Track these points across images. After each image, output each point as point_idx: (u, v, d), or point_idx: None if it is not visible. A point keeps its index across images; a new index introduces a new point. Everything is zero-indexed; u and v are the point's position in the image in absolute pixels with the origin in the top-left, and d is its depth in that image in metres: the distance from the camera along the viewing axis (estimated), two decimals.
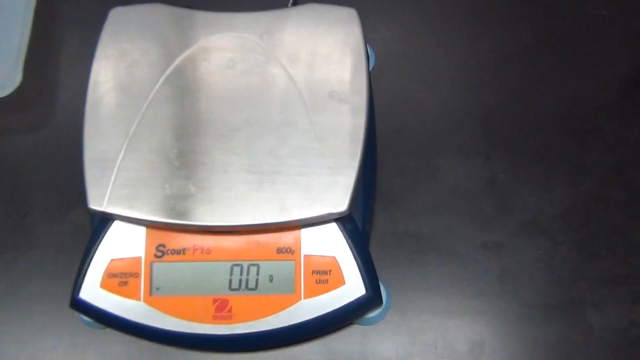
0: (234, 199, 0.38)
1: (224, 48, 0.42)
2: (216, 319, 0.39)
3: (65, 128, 0.49)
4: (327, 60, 0.41)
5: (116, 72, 0.42)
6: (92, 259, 0.40)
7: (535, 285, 0.43)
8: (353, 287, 0.39)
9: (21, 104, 0.50)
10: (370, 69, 0.44)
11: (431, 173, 0.46)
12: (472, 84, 0.48)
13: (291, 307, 0.39)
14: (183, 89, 0.41)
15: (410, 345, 0.42)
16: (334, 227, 0.40)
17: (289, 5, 0.49)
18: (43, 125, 0.49)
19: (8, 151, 0.48)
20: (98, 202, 0.39)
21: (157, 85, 0.42)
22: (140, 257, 0.40)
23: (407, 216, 0.45)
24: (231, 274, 0.39)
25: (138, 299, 0.39)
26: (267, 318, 0.39)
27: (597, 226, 0.44)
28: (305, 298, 0.39)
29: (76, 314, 0.41)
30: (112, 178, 0.39)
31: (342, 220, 0.39)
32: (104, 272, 0.40)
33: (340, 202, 0.38)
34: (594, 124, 0.47)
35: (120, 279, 0.39)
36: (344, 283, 0.39)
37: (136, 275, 0.39)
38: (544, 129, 0.47)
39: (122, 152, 0.40)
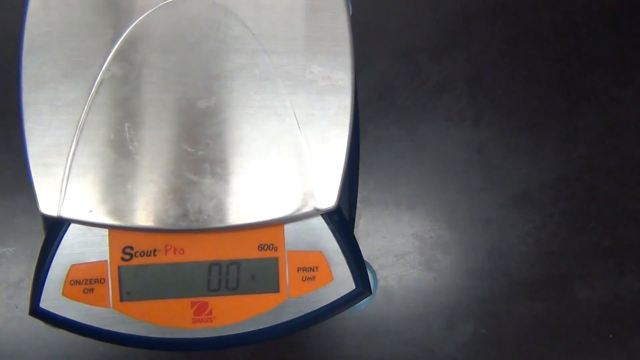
0: (208, 198, 0.34)
1: (186, 14, 0.36)
2: (196, 322, 0.36)
3: None
4: (307, 32, 0.36)
5: (54, 44, 0.35)
6: (49, 265, 0.36)
7: (524, 261, 0.42)
8: (342, 283, 0.37)
9: None
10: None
11: (416, 142, 0.43)
12: (458, 41, 0.44)
13: (276, 307, 0.36)
14: (139, 66, 0.35)
15: (397, 329, 0.40)
16: (319, 220, 0.36)
17: None
18: None
19: None
20: (50, 206, 0.34)
21: (107, 61, 0.35)
22: (105, 261, 0.36)
23: (391, 188, 0.42)
24: (209, 274, 0.36)
25: (107, 305, 0.36)
26: (251, 319, 0.36)
27: (587, 196, 0.42)
28: (291, 297, 0.36)
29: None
30: (64, 178, 0.34)
31: (328, 213, 0.36)
32: (66, 280, 0.36)
33: (328, 198, 0.35)
34: (587, 84, 0.44)
35: (84, 285, 0.36)
36: (332, 279, 0.37)
37: (102, 281, 0.36)
38: (535, 90, 0.44)
39: (73, 145, 0.34)
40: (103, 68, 0.35)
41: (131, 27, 0.36)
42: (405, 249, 0.41)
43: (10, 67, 0.35)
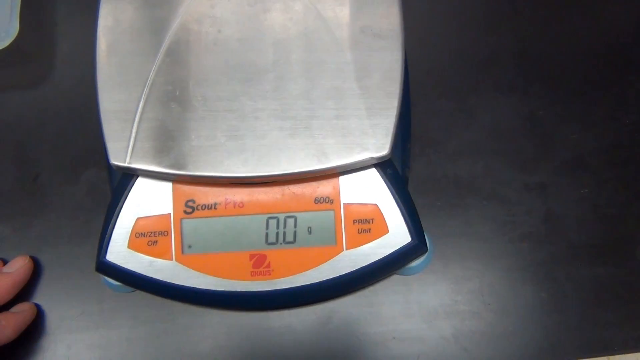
0: (267, 148, 0.36)
1: None
2: (254, 275, 0.37)
3: (69, 80, 0.45)
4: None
5: (126, 15, 0.39)
6: (117, 218, 0.37)
7: (582, 225, 0.41)
8: (397, 235, 0.37)
9: (20, 57, 0.46)
10: None
11: (467, 113, 0.43)
12: (505, 15, 0.45)
13: (333, 259, 0.37)
14: (202, 31, 0.38)
15: (456, 294, 0.40)
16: (373, 172, 0.37)
17: None
18: (45, 78, 0.46)
19: (10, 108, 0.45)
20: (120, 157, 0.36)
21: (174, 27, 0.38)
22: (169, 214, 0.37)
23: (444, 160, 0.43)
24: (267, 228, 0.37)
25: (169, 258, 0.37)
26: (308, 272, 0.37)
27: None
28: (347, 249, 0.37)
29: (101, 278, 0.39)
30: (133, 130, 0.36)
31: (382, 165, 0.37)
32: (131, 232, 0.37)
33: (381, 146, 0.36)
34: (636, 54, 0.44)
35: (149, 238, 0.37)
36: (387, 231, 0.37)
37: (166, 233, 0.37)
38: (582, 60, 0.44)
39: (142, 101, 0.36)
40: (170, 33, 0.38)
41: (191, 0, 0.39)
42: (460, 216, 0.41)
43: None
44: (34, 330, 0.40)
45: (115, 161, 0.36)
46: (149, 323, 0.40)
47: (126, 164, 0.36)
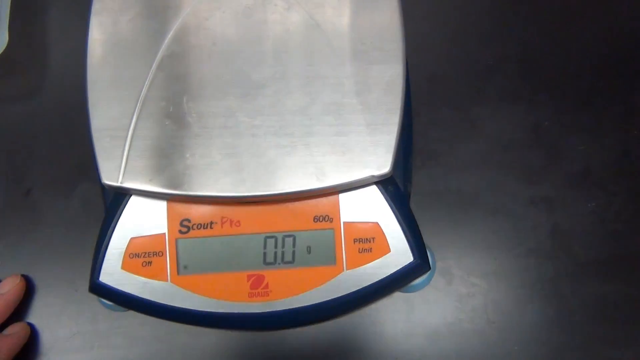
0: (264, 166, 0.34)
1: None
2: (252, 296, 0.36)
3: (61, 92, 0.44)
4: (356, 3, 0.37)
5: (117, 28, 0.37)
6: (110, 238, 0.36)
7: (589, 241, 0.40)
8: (399, 255, 0.36)
9: (10, 69, 0.45)
10: None
11: (470, 123, 0.42)
12: (509, 21, 0.44)
13: (333, 280, 0.36)
14: (196, 44, 0.37)
15: (459, 312, 0.39)
16: (374, 190, 0.36)
17: None
18: (37, 90, 0.44)
19: (1, 121, 0.43)
20: (112, 176, 0.35)
21: (166, 40, 0.37)
22: (163, 234, 0.36)
23: (447, 173, 0.42)
24: (265, 247, 0.36)
25: (165, 279, 0.36)
26: (307, 293, 0.36)
27: None
28: (348, 269, 0.36)
29: (95, 297, 0.37)
30: (126, 148, 0.35)
31: (383, 182, 0.36)
32: (125, 253, 0.36)
33: (383, 164, 0.35)
34: None
35: (143, 258, 0.36)
36: (389, 251, 0.36)
37: (161, 254, 0.36)
38: (590, 68, 0.43)
39: (134, 118, 0.35)
40: (163, 46, 0.37)
41: (189, 9, 0.38)
42: (464, 231, 0.40)
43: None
44: (26, 351, 0.39)
45: (107, 181, 0.35)
46: (146, 343, 0.39)
47: (119, 184, 0.35)
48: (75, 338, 0.39)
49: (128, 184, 0.35)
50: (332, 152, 0.34)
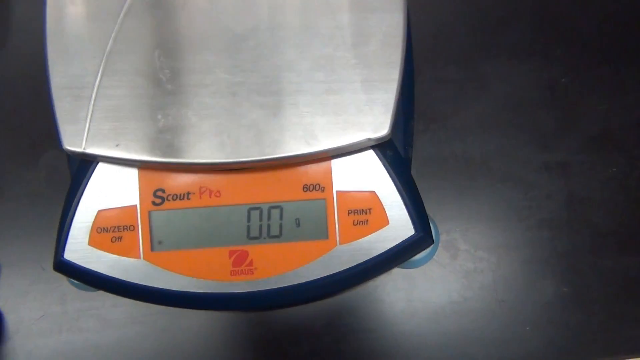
0: (247, 128, 0.31)
1: None
2: (235, 274, 0.33)
3: (24, 50, 0.41)
4: None
5: None
6: (75, 211, 0.33)
7: (609, 210, 0.37)
8: (399, 227, 0.33)
9: None
10: None
11: (478, 82, 0.39)
12: None
13: (325, 256, 0.33)
14: None
15: (465, 290, 0.37)
16: (371, 155, 0.33)
17: None
18: None
19: None
20: (75, 141, 0.31)
21: None
22: (135, 206, 0.33)
23: (452, 136, 0.39)
24: (249, 220, 0.33)
25: (137, 256, 0.33)
26: (296, 270, 0.33)
27: None
28: (341, 244, 0.33)
29: (64, 276, 0.34)
30: (90, 109, 0.31)
31: (381, 146, 0.33)
32: (92, 227, 0.33)
33: (380, 125, 0.31)
34: None
35: (112, 233, 0.33)
36: (387, 223, 0.33)
37: (132, 228, 0.33)
38: (611, 20, 0.39)
39: (99, 75, 0.32)
40: None
41: None
42: (470, 201, 0.36)
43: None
44: None
45: (69, 146, 0.31)
46: (120, 326, 0.36)
47: (82, 150, 0.31)
48: (43, 320, 0.36)
49: (92, 150, 0.31)
50: (323, 112, 0.31)
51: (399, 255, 0.33)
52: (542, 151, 0.38)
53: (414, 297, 0.36)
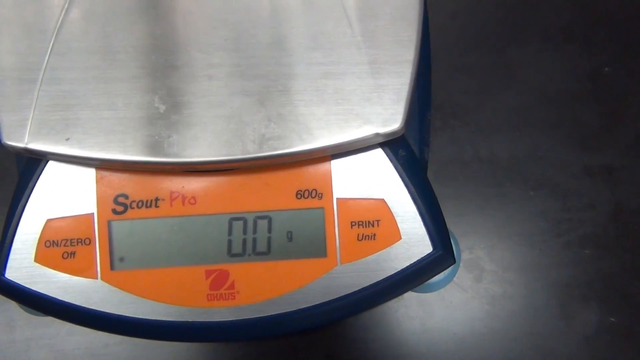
0: (226, 120, 0.27)
1: None
2: (212, 299, 0.29)
3: None
4: None
5: None
6: (18, 221, 0.29)
7: None
8: (414, 243, 0.29)
9: None
10: None
11: (505, 71, 0.35)
12: None
13: (322, 277, 0.29)
14: None
15: (492, 319, 0.33)
16: (379, 155, 0.29)
17: None
18: None
19: None
20: (16, 134, 0.27)
21: None
22: (91, 215, 0.29)
23: (475, 135, 0.35)
24: (230, 233, 0.29)
25: (94, 276, 0.29)
26: (286, 295, 0.29)
27: None
28: (343, 263, 0.29)
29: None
30: (35, 95, 0.27)
31: (391, 144, 0.29)
32: (39, 240, 0.29)
33: (390, 117, 0.27)
34: None
35: (64, 248, 0.29)
36: (399, 238, 0.29)
37: (88, 241, 0.29)
38: None
39: (47, 54, 0.27)
40: None
41: None
42: (497, 212, 0.31)
43: None
44: None
45: (9, 140, 0.28)
46: (77, 358, 0.31)
47: (24, 145, 0.28)
48: None
49: (38, 145, 0.27)
50: (321, 100, 0.27)
51: (414, 278, 0.29)
52: (583, 153, 0.34)
53: (430, 327, 0.32)
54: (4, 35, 0.27)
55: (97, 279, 0.29)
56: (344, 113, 0.27)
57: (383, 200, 0.29)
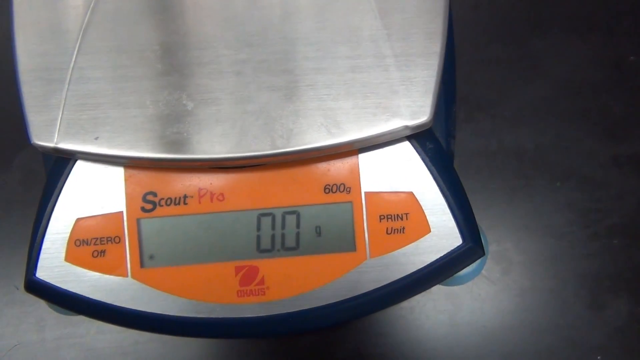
0: (254, 116, 0.27)
1: None
2: (242, 295, 0.29)
3: None
4: None
5: None
6: (48, 220, 0.29)
7: None
8: (443, 236, 0.28)
9: None
10: None
11: (530, 62, 0.35)
12: None
13: (352, 272, 0.28)
14: None
15: (521, 312, 0.32)
16: (407, 147, 0.28)
17: None
18: None
19: None
20: (46, 134, 0.27)
21: None
22: (120, 213, 0.29)
23: (500, 127, 0.34)
24: (259, 229, 0.29)
25: (124, 274, 0.29)
26: (317, 290, 0.28)
27: None
28: (372, 257, 0.28)
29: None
30: (64, 95, 0.27)
31: (419, 136, 0.28)
32: (69, 239, 0.29)
33: (419, 110, 0.27)
34: None
35: (94, 247, 0.29)
36: (429, 231, 0.28)
37: (117, 239, 0.29)
38: None
39: (75, 54, 0.27)
40: None
41: None
42: (524, 203, 0.31)
43: None
44: None
45: (39, 140, 0.28)
46: (107, 357, 0.32)
47: (54, 144, 0.28)
48: (16, 351, 0.32)
49: (67, 145, 0.27)
50: (348, 94, 0.27)
51: (443, 270, 0.29)
52: (610, 143, 0.33)
53: (458, 320, 0.31)
54: (32, 36, 0.27)
55: (127, 277, 0.29)
56: (372, 106, 0.27)
57: (411, 193, 0.28)
